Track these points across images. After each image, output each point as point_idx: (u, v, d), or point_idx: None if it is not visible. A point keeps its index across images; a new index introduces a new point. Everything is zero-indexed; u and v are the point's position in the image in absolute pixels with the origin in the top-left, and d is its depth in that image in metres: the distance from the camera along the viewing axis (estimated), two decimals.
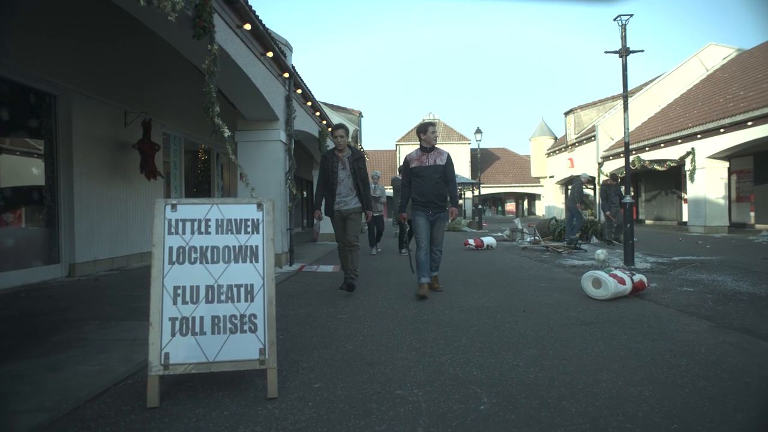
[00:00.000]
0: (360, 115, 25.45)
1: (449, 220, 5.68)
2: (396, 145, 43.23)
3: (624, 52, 8.11)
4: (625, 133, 8.15)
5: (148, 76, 8.57)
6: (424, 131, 5.38)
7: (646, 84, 23.76)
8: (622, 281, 5.13)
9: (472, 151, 39.60)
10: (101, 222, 7.40)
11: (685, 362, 3.03)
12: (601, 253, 8.82)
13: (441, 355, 3.22)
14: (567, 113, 27.51)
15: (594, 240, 12.98)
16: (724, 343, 3.46)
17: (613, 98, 24.99)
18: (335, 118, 21.35)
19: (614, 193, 12.27)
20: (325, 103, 22.94)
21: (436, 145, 5.45)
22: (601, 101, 25.88)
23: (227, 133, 4.90)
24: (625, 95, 8.17)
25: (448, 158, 5.42)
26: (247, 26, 5.67)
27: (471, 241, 11.48)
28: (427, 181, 5.28)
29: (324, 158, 5.53)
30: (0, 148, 6.07)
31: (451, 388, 2.63)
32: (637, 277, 5.34)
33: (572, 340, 3.56)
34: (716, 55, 21.68)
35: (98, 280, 6.60)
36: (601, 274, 5.17)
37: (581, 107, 26.59)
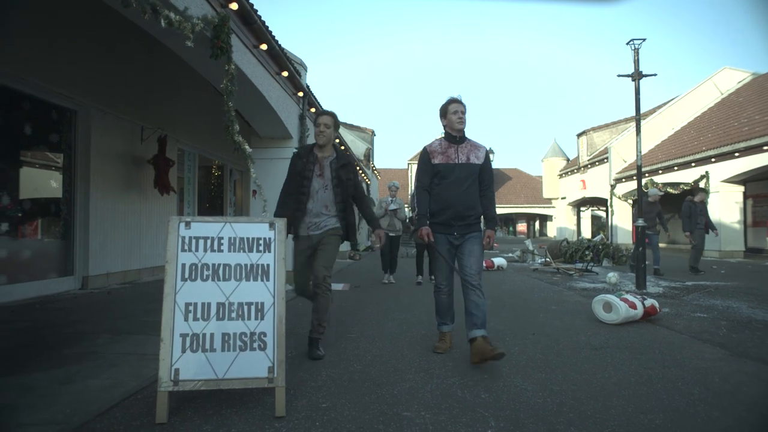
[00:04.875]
0: (372, 133, 25.66)
1: (483, 245, 3.77)
2: (408, 163, 43.40)
3: (637, 76, 8.14)
4: (637, 156, 8.13)
5: (165, 92, 8.75)
6: (445, 113, 3.75)
7: (659, 107, 23.72)
8: (633, 306, 5.08)
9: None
10: (115, 235, 7.50)
11: (698, 391, 2.98)
12: (612, 276, 8.74)
13: (449, 377, 3.21)
14: (579, 135, 27.49)
15: (605, 263, 12.88)
16: (739, 372, 3.41)
17: (626, 120, 24.95)
18: (348, 137, 21.55)
19: (700, 212, 10.61)
20: None
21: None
22: (614, 123, 25.85)
23: (249, 149, 4.99)
24: (638, 118, 8.17)
25: (487, 156, 3.79)
26: (264, 46, 5.80)
27: None
28: (453, 186, 3.61)
29: (296, 156, 3.85)
30: (22, 162, 6.22)
31: (459, 411, 2.61)
32: (649, 301, 5.28)
33: (582, 365, 3.53)
34: (731, 78, 21.62)
35: (110, 293, 6.67)
36: (612, 298, 5.12)
37: (594, 129, 26.56)
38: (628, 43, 8.13)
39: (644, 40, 8.02)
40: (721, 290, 7.78)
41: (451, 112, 3.70)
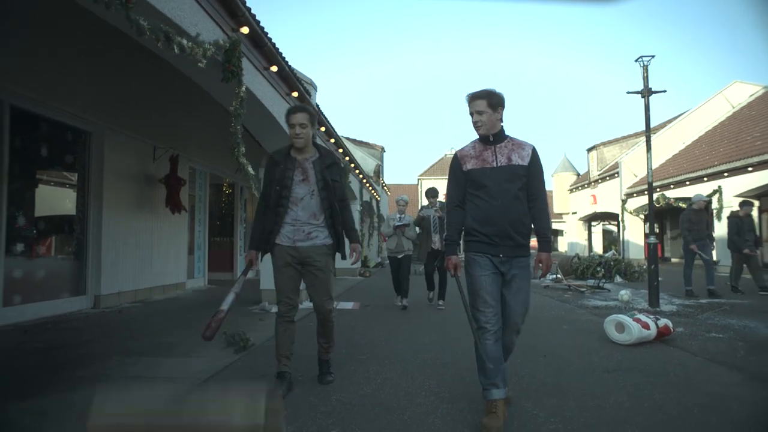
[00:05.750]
0: (382, 150, 25.78)
1: (535, 276, 2.95)
2: (418, 179, 43.44)
3: (646, 93, 8.13)
4: (648, 173, 8.09)
5: (177, 111, 8.86)
6: (469, 102, 2.93)
7: (670, 120, 23.62)
8: (646, 326, 5.01)
9: None
10: (126, 254, 7.56)
11: (716, 419, 2.92)
12: (625, 294, 8.63)
13: (459, 401, 3.17)
14: (590, 150, 27.41)
15: (618, 279, 12.73)
16: (758, 398, 3.34)
17: (636, 135, 24.85)
18: (357, 153, 21.66)
19: (748, 228, 9.53)
20: (347, 138, 23.32)
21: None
22: (624, 138, 25.76)
23: (252, 171, 5.03)
24: (648, 135, 8.14)
25: (534, 154, 2.94)
26: (274, 68, 5.88)
27: None
28: (495, 196, 2.84)
29: (271, 163, 3.36)
30: (37, 182, 6.33)
31: None
32: (662, 321, 5.21)
33: (594, 389, 3.48)
34: (742, 92, 21.50)
35: (122, 312, 6.72)
36: (624, 318, 5.06)
37: (604, 144, 26.48)
38: (637, 60, 8.14)
39: (653, 56, 8.03)
40: (737, 308, 7.64)
41: (470, 113, 2.94)
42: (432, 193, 7.63)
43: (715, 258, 9.83)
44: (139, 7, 3.05)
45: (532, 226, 2.96)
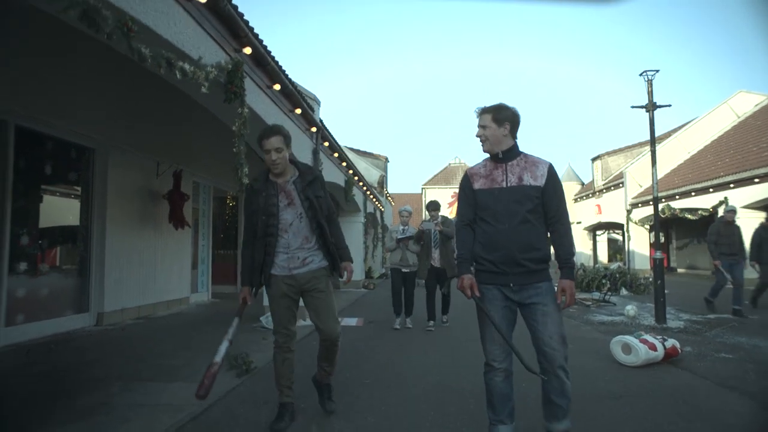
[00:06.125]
0: (386, 160, 25.80)
1: (558, 304, 2.64)
2: (422, 188, 43.41)
3: (651, 107, 8.09)
4: (654, 187, 8.03)
5: (181, 127, 8.87)
6: (477, 116, 2.81)
7: (675, 130, 23.54)
8: (653, 347, 4.94)
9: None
10: (130, 271, 7.55)
11: None
12: (630, 309, 8.56)
13: None
14: (594, 159, 27.34)
15: (624, 292, 12.63)
16: None
17: (641, 144, 24.78)
18: (361, 165, 21.68)
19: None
20: (350, 149, 23.37)
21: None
22: (629, 147, 25.69)
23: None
24: (653, 150, 8.09)
25: (550, 173, 2.70)
26: (277, 86, 5.88)
27: None
28: (501, 219, 2.66)
29: (251, 192, 3.20)
30: (41, 200, 6.33)
31: None
32: (670, 342, 5.13)
33: (600, 418, 3.41)
34: (747, 102, 21.42)
35: (124, 329, 6.69)
36: (631, 339, 4.99)
37: (608, 153, 26.41)
38: (641, 75, 8.12)
39: (657, 71, 8.00)
40: (747, 325, 7.54)
41: (481, 120, 2.77)
42: (433, 206, 7.28)
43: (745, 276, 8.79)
44: (140, 34, 3.04)
45: (552, 251, 2.73)
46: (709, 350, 5.70)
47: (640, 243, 21.96)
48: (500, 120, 2.71)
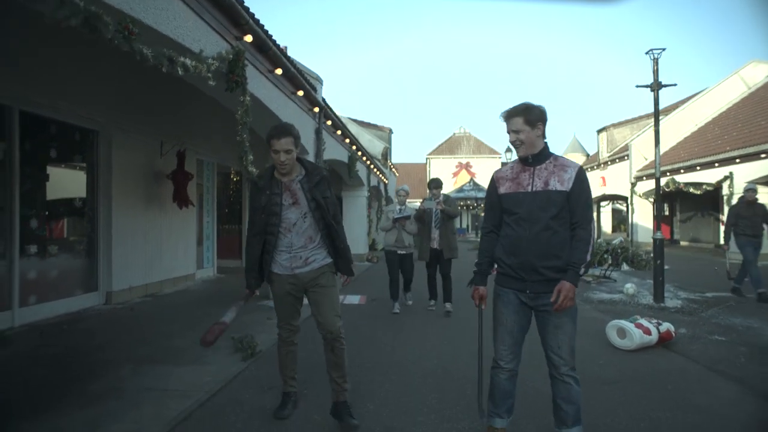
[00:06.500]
0: (390, 131, 25.65)
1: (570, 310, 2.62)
2: (426, 158, 43.27)
3: (656, 86, 8.02)
4: (656, 169, 8.03)
5: (184, 107, 8.89)
6: (505, 120, 2.74)
7: (684, 101, 23.21)
8: (647, 331, 5.06)
9: (503, 165, 39.22)
10: (137, 250, 7.69)
11: None
12: (630, 287, 8.66)
13: (460, 420, 3.26)
14: (600, 131, 27.10)
15: (625, 267, 12.72)
16: (752, 418, 3.40)
17: (648, 116, 24.47)
18: (365, 137, 21.58)
19: None
20: (354, 120, 23.24)
21: (555, 152, 2.76)
22: (635, 120, 25.40)
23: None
24: (657, 130, 8.05)
25: (578, 177, 2.62)
26: (279, 71, 5.87)
27: None
28: (524, 225, 2.64)
29: (255, 189, 3.20)
30: (47, 183, 6.42)
31: None
32: (664, 326, 5.25)
33: (592, 404, 3.53)
34: (759, 72, 20.99)
35: (133, 309, 6.87)
36: (626, 324, 5.11)
37: (614, 125, 26.16)
38: (647, 53, 8.01)
39: (664, 49, 7.88)
40: (743, 304, 7.65)
41: (507, 132, 2.73)
42: (435, 184, 6.91)
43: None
44: (141, 34, 3.06)
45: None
46: (703, 332, 5.82)
47: (643, 216, 21.96)
48: (533, 122, 2.63)
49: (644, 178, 21.12)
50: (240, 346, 4.70)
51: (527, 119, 2.62)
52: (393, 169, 28.17)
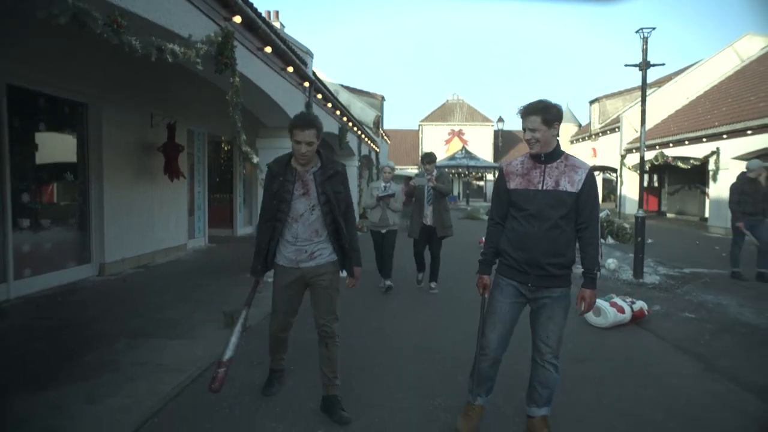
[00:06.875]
0: (383, 99, 25.48)
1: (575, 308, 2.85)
2: (419, 125, 43.01)
3: (644, 66, 8.08)
4: (641, 148, 8.18)
5: (174, 79, 8.83)
6: (521, 116, 2.74)
7: (677, 73, 23.13)
8: (621, 310, 5.32)
9: (495, 132, 39.18)
10: (129, 222, 7.80)
11: (662, 417, 3.24)
12: (612, 262, 8.91)
13: (435, 397, 3.47)
14: (592, 102, 27.04)
15: (610, 240, 13.00)
16: (707, 393, 3.66)
17: (640, 87, 24.43)
18: (357, 105, 21.48)
19: None
20: (346, 87, 23.05)
21: (565, 150, 2.84)
22: (627, 91, 25.33)
23: (255, 159, 5.17)
24: (643, 109, 8.17)
25: (588, 179, 2.71)
26: (268, 49, 5.88)
27: None
28: (533, 222, 2.70)
29: (270, 174, 3.16)
30: (37, 157, 6.46)
31: None
32: (638, 305, 5.50)
33: (562, 380, 3.61)
34: (753, 45, 20.89)
35: (125, 280, 7.03)
36: (601, 302, 5.33)
37: (606, 96, 26.10)
38: (637, 32, 8.03)
39: (653, 28, 7.91)
40: (717, 280, 7.92)
41: (522, 129, 2.76)
42: (428, 158, 6.62)
43: None
44: (131, 24, 3.10)
45: (578, 257, 2.75)
46: (675, 309, 6.08)
47: (632, 188, 22.16)
48: (550, 121, 2.65)
49: (634, 150, 21.24)
50: (230, 321, 4.87)
51: (545, 119, 2.64)
52: (385, 137, 28.09)
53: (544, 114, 2.63)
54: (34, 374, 3.67)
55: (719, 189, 15.74)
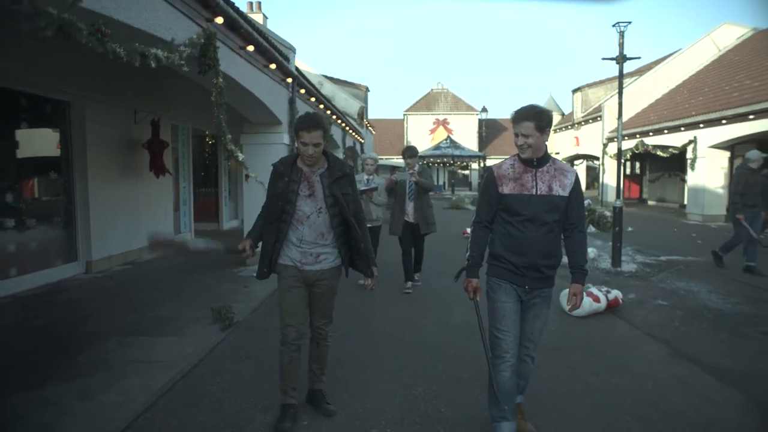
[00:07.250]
0: (367, 90, 25.49)
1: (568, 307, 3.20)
2: (404, 114, 42.98)
3: (621, 59, 8.28)
4: (618, 140, 8.39)
5: (156, 77, 8.83)
6: (514, 122, 2.77)
7: (657, 62, 23.47)
8: (597, 299, 5.54)
9: (480, 122, 39.35)
10: (115, 219, 7.84)
11: (629, 403, 3.45)
12: (591, 251, 9.15)
13: (416, 386, 3.65)
14: (575, 91, 27.35)
15: (591, 229, 13.27)
16: (671, 377, 3.88)
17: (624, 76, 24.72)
18: (341, 96, 21.48)
19: None
20: (330, 78, 23.03)
21: (550, 153, 2.87)
22: (610, 80, 25.58)
23: (241, 157, 5.25)
24: (620, 102, 8.40)
25: (576, 183, 2.80)
26: (251, 47, 5.94)
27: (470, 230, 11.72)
28: (530, 227, 2.74)
29: (275, 173, 3.06)
30: (20, 156, 6.47)
31: (420, 428, 3.09)
32: (613, 294, 5.73)
33: (538, 370, 3.93)
34: (731, 34, 21.27)
35: (113, 278, 7.10)
36: None
37: (589, 85, 26.41)
38: (614, 26, 8.22)
39: (630, 23, 8.11)
40: (691, 268, 8.21)
41: (515, 134, 2.77)
42: (410, 152, 6.39)
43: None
44: (114, 29, 3.18)
45: (565, 257, 2.85)
46: (649, 297, 6.33)
47: (614, 176, 22.52)
48: (543, 127, 2.67)
49: (615, 139, 21.54)
50: (218, 317, 5.01)
51: (538, 125, 2.66)
52: (369, 128, 28.15)
53: (538, 120, 2.67)
54: (28, 373, 3.77)
55: (696, 177, 16.15)
